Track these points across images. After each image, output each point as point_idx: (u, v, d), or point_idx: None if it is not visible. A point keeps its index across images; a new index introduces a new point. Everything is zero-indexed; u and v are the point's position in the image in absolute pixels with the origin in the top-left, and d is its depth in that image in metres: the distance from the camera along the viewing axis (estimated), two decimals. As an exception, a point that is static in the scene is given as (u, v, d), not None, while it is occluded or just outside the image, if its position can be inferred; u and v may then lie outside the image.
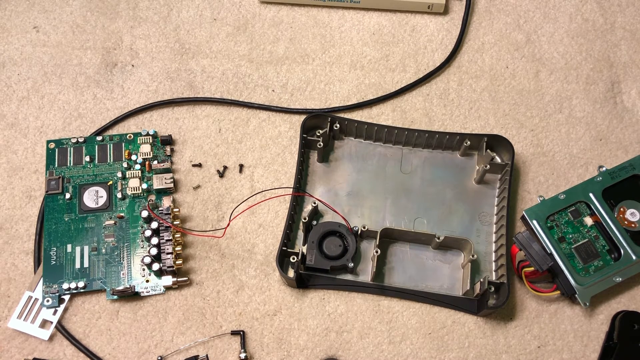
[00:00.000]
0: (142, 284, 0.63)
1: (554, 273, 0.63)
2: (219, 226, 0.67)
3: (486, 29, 0.78)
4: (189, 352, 0.62)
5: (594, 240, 0.63)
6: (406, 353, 0.62)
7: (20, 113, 0.71)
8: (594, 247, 0.63)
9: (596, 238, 0.64)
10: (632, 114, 0.74)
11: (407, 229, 0.65)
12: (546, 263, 0.61)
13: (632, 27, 0.78)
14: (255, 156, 0.70)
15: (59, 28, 0.76)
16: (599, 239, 0.64)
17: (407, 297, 0.64)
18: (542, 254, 0.62)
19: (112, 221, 0.66)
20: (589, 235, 0.64)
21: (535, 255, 0.62)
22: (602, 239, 0.64)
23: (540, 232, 0.63)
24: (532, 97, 0.74)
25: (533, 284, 0.63)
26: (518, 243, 0.63)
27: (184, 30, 0.76)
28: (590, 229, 0.64)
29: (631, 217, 0.64)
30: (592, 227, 0.64)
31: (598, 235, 0.64)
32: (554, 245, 0.63)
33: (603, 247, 0.63)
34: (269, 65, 0.75)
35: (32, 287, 0.63)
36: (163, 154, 0.69)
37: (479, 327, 0.63)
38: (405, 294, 0.64)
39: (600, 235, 0.64)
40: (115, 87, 0.73)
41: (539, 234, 0.63)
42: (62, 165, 0.68)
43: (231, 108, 0.73)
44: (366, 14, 0.78)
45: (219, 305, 0.64)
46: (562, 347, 0.63)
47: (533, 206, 0.65)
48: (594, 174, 0.69)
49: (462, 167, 0.69)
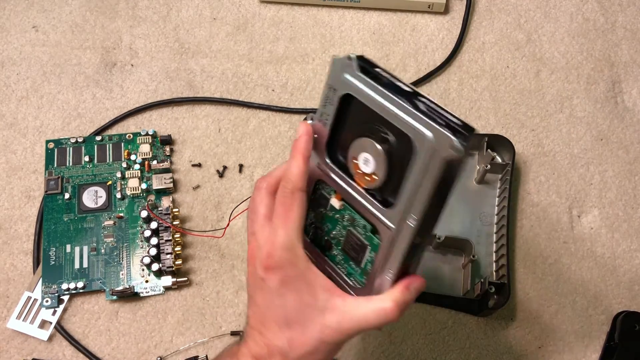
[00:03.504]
0: (141, 284, 0.63)
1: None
2: (219, 226, 0.67)
3: (487, 29, 0.78)
4: (188, 353, 0.62)
5: (353, 227, 0.44)
6: (407, 354, 0.62)
7: (20, 113, 0.71)
8: (356, 237, 0.43)
9: (352, 221, 0.43)
10: (633, 113, 0.73)
11: (408, 229, 0.65)
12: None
13: (633, 27, 0.78)
14: (255, 156, 0.70)
15: (58, 28, 0.76)
16: (356, 219, 0.43)
17: (407, 298, 0.63)
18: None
19: (111, 221, 0.65)
20: (347, 222, 0.44)
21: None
22: (358, 218, 0.43)
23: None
24: (533, 96, 0.74)
25: None
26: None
27: (183, 29, 0.76)
28: (343, 212, 0.44)
29: (365, 167, 0.41)
30: (344, 208, 0.44)
31: (352, 216, 0.43)
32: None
33: (365, 228, 0.43)
34: (268, 64, 0.75)
35: (31, 287, 0.63)
36: (162, 154, 0.69)
37: (479, 327, 0.63)
38: (405, 295, 0.63)
39: (354, 214, 0.43)
40: (115, 87, 0.73)
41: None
42: (61, 165, 0.68)
43: (231, 108, 0.72)
44: (366, 14, 0.78)
45: (219, 305, 0.64)
46: (563, 347, 0.63)
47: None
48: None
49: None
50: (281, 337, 0.41)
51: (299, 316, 0.40)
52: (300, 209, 0.42)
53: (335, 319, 0.40)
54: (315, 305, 0.40)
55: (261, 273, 0.41)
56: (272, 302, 0.41)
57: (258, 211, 0.43)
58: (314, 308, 0.40)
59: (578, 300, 0.65)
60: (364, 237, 0.43)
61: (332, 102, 0.42)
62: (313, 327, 0.40)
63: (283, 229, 0.41)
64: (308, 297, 0.40)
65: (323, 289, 0.41)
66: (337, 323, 0.40)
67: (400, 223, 0.39)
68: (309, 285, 0.41)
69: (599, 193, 0.70)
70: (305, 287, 0.41)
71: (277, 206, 0.42)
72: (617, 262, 0.67)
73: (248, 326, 0.43)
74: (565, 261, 0.66)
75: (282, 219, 0.41)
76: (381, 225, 0.40)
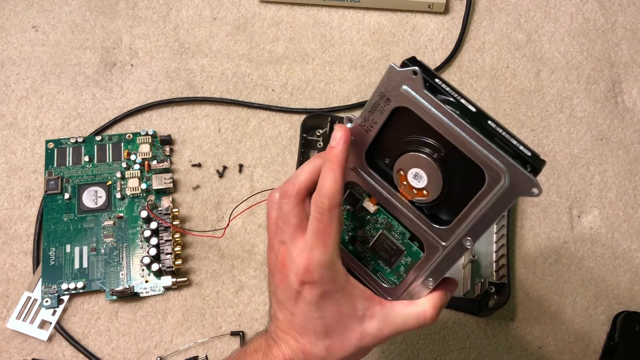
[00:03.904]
0: (141, 284, 0.63)
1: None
2: (219, 226, 0.66)
3: (487, 29, 0.78)
4: (188, 353, 0.62)
5: (389, 231, 0.44)
6: (407, 354, 0.62)
7: (19, 113, 0.71)
8: (390, 241, 0.44)
9: (389, 226, 0.44)
10: (633, 113, 0.73)
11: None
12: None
13: (633, 27, 0.78)
14: (254, 156, 0.70)
15: (58, 27, 0.76)
16: (393, 225, 0.44)
17: (407, 298, 0.63)
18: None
19: (111, 221, 0.65)
20: (381, 226, 0.44)
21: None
22: (396, 225, 0.44)
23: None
24: (533, 96, 0.74)
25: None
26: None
27: (183, 29, 0.76)
28: (377, 215, 0.44)
29: (415, 182, 0.40)
30: (378, 212, 0.44)
31: (390, 221, 0.44)
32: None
33: (403, 235, 0.44)
34: (268, 64, 0.75)
35: (31, 287, 0.63)
36: (162, 154, 0.69)
37: (479, 327, 0.63)
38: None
39: (391, 220, 0.44)
40: (115, 87, 0.73)
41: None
42: (61, 165, 0.68)
43: (231, 108, 0.72)
44: (366, 13, 0.78)
45: (219, 305, 0.64)
46: (563, 347, 0.63)
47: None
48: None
49: (463, 167, 0.69)
50: (319, 345, 0.40)
51: (338, 326, 0.40)
52: (338, 225, 0.39)
53: (376, 327, 0.40)
54: (355, 315, 0.40)
55: (296, 286, 0.39)
56: (309, 313, 0.40)
57: (288, 220, 0.40)
58: (353, 317, 0.40)
59: (578, 301, 0.65)
60: (401, 242, 0.43)
61: (383, 111, 0.39)
62: (352, 335, 0.40)
63: (322, 246, 0.39)
64: (347, 308, 0.40)
65: (361, 298, 0.40)
66: (377, 330, 0.40)
67: (453, 241, 0.40)
68: (347, 297, 0.40)
69: (599, 193, 0.69)
70: (344, 299, 0.40)
71: (313, 222, 0.39)
72: (617, 262, 0.67)
73: (279, 330, 0.42)
74: (565, 261, 0.66)
75: (320, 237, 0.39)
76: (427, 238, 0.41)
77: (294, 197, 0.40)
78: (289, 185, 0.41)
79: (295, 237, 0.40)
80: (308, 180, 0.41)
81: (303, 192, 0.41)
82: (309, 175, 0.41)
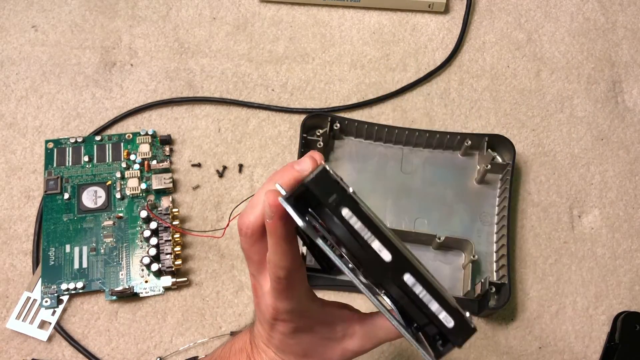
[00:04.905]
0: (141, 284, 0.63)
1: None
2: (219, 226, 0.66)
3: (487, 28, 0.77)
4: (188, 353, 0.62)
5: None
6: (407, 354, 0.62)
7: (19, 113, 0.71)
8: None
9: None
10: (634, 113, 0.73)
11: (408, 229, 0.65)
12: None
13: (634, 27, 0.78)
14: (254, 156, 0.70)
15: (58, 27, 0.76)
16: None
17: (407, 298, 0.63)
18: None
19: (111, 221, 0.65)
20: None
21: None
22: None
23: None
24: (533, 96, 0.74)
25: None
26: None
27: (183, 29, 0.76)
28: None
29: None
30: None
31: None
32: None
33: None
34: (268, 64, 0.75)
35: (30, 287, 0.63)
36: (162, 154, 0.69)
37: (479, 327, 0.63)
38: (405, 295, 0.63)
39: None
40: (114, 87, 0.73)
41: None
42: (61, 165, 0.68)
43: (230, 108, 0.72)
44: (366, 13, 0.78)
45: (219, 306, 0.63)
46: (564, 348, 0.63)
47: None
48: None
49: (463, 167, 0.69)
50: None
51: (317, 348, 0.40)
52: (300, 280, 0.37)
53: (357, 343, 0.40)
54: (334, 337, 0.40)
55: (269, 319, 0.38)
56: (285, 341, 0.39)
57: (251, 257, 0.38)
58: (332, 340, 0.40)
59: (578, 301, 0.65)
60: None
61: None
62: (334, 353, 0.40)
63: (285, 299, 0.37)
64: (326, 333, 0.39)
65: (340, 320, 0.40)
66: (359, 346, 0.40)
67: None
68: (324, 324, 0.39)
69: (600, 193, 0.69)
70: (321, 327, 0.39)
71: (273, 283, 0.37)
72: (617, 262, 0.66)
73: (260, 341, 0.41)
74: (565, 261, 0.66)
75: (282, 294, 0.37)
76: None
77: (249, 236, 0.37)
78: (244, 221, 0.37)
79: (261, 272, 0.38)
80: (258, 215, 0.37)
81: (258, 230, 0.37)
82: (260, 212, 0.37)
